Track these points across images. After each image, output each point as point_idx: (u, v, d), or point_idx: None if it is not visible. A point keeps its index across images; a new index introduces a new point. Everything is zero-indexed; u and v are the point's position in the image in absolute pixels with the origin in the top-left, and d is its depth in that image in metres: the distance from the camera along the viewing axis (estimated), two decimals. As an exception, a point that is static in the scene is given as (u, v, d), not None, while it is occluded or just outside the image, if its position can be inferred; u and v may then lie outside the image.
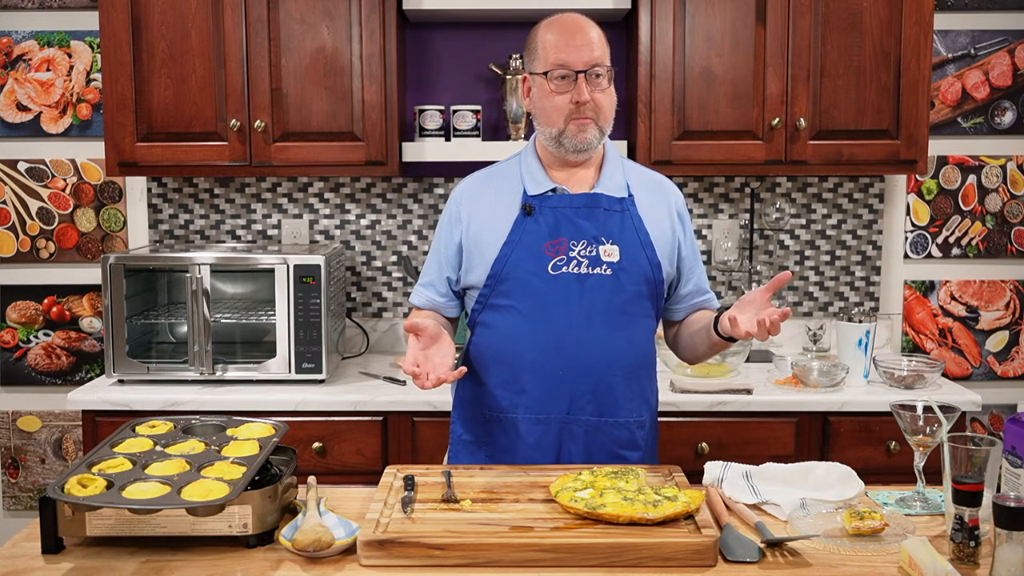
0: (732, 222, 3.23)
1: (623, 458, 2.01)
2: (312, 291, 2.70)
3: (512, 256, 1.98)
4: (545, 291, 1.97)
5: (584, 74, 1.92)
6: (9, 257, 3.27)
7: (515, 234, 1.99)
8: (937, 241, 3.29)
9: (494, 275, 2.00)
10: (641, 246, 2.00)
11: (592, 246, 1.97)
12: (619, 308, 1.99)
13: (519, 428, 2.00)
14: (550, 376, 1.98)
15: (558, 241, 1.98)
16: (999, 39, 3.22)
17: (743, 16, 2.83)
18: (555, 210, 1.99)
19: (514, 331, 2.00)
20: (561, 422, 1.99)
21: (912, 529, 1.59)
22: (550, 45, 1.95)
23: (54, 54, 3.20)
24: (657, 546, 1.47)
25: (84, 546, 1.56)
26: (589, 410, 1.99)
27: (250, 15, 2.80)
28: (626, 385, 2.02)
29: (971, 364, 3.33)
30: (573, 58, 1.92)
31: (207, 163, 2.87)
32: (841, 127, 2.87)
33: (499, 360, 2.02)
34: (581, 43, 1.93)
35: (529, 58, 2.02)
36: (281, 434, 1.77)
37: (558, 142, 1.98)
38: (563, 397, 1.98)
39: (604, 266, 1.97)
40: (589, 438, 2.00)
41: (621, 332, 2.00)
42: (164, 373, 2.73)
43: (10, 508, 3.32)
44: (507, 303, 2.00)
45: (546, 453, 1.99)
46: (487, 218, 2.03)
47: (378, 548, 1.48)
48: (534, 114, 2.02)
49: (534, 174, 2.03)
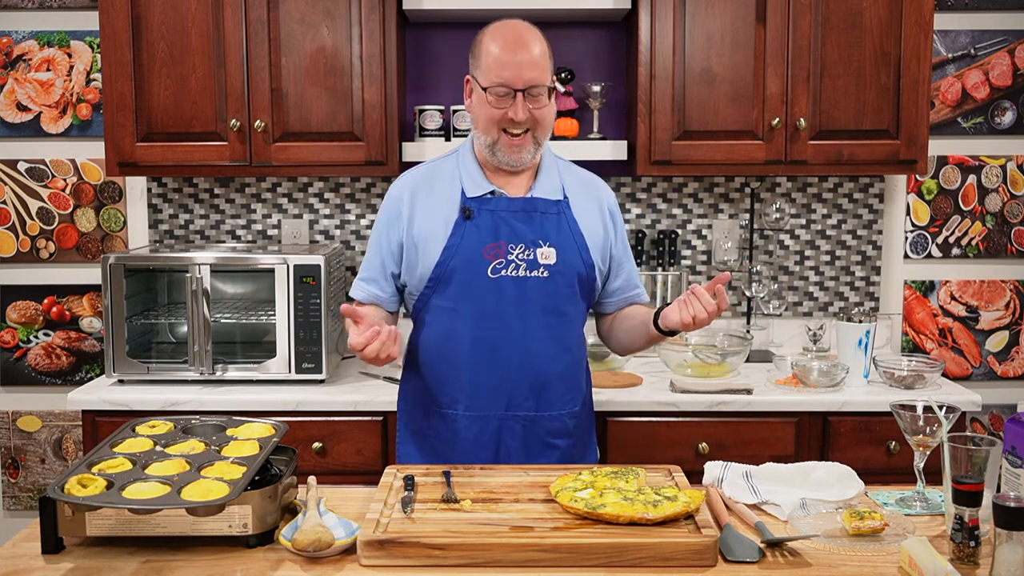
0: (732, 222, 3.23)
1: (554, 447, 2.08)
2: (312, 291, 2.70)
3: (453, 260, 2.02)
4: (485, 294, 2.02)
5: (523, 92, 1.96)
6: (9, 257, 3.27)
7: (455, 237, 2.03)
8: (937, 241, 3.29)
9: (435, 277, 2.04)
10: (577, 248, 2.06)
11: (530, 249, 2.03)
12: (555, 309, 2.05)
13: (458, 423, 2.06)
14: (489, 376, 2.04)
15: (497, 244, 2.02)
16: (999, 39, 3.22)
17: (743, 16, 2.83)
18: (494, 213, 2.04)
19: (454, 332, 2.05)
20: (500, 419, 2.05)
21: (912, 529, 1.59)
22: (492, 59, 1.98)
23: (54, 54, 3.20)
24: (657, 546, 1.47)
25: (84, 546, 1.56)
26: (527, 407, 2.06)
27: (250, 15, 2.80)
28: (561, 381, 2.09)
29: (971, 364, 3.33)
30: (513, 76, 1.96)
31: (207, 163, 2.87)
32: (841, 127, 2.87)
33: (439, 358, 2.08)
34: (522, 60, 1.96)
35: (473, 62, 2.06)
36: (281, 434, 1.77)
37: (492, 151, 2.03)
38: (501, 396, 2.05)
39: (541, 268, 2.03)
40: (526, 432, 2.06)
41: (557, 332, 2.06)
42: (164, 373, 2.73)
43: (10, 508, 3.32)
44: (447, 304, 2.05)
45: (485, 448, 2.05)
46: (427, 219, 2.06)
47: (378, 548, 1.48)
48: (472, 117, 2.08)
49: (472, 175, 2.07)
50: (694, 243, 3.25)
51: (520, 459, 2.05)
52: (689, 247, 3.24)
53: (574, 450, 2.13)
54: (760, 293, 3.11)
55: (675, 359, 2.81)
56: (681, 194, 3.23)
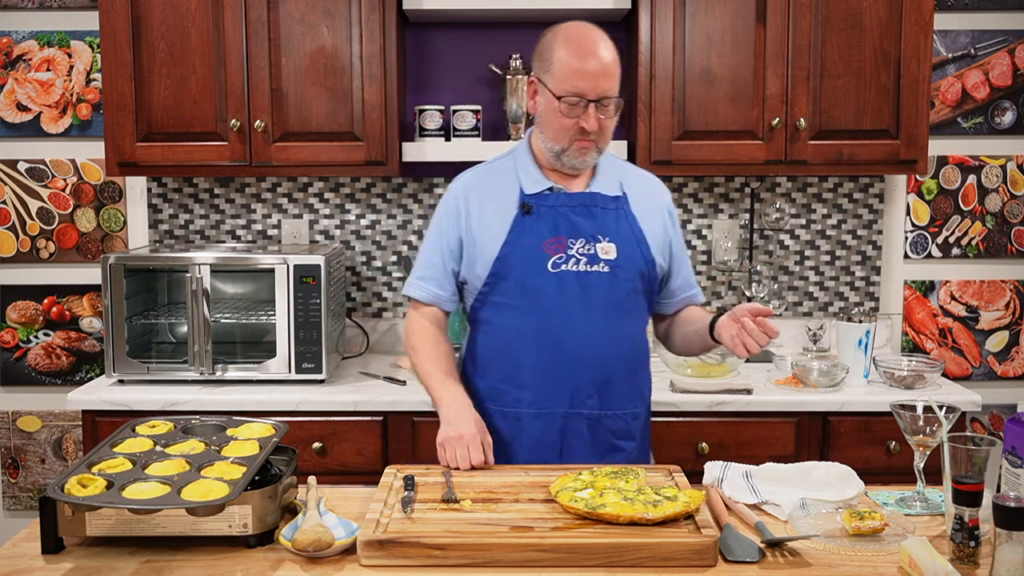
0: (732, 222, 3.23)
1: (619, 448, 2.05)
2: (312, 291, 2.70)
3: (512, 255, 2.01)
4: (545, 289, 2.00)
5: (595, 103, 1.94)
6: (9, 257, 3.27)
7: (514, 233, 2.01)
8: (937, 241, 3.29)
9: (495, 273, 2.02)
10: (636, 243, 2.05)
11: (590, 244, 2.01)
12: (617, 304, 2.03)
13: (522, 422, 2.04)
14: (552, 372, 2.01)
15: (557, 239, 2.01)
16: (999, 39, 3.22)
17: (743, 16, 2.83)
18: (553, 209, 2.02)
19: (516, 329, 2.03)
20: (564, 416, 2.03)
21: (912, 529, 1.59)
22: (565, 65, 1.94)
23: (54, 54, 3.20)
24: (657, 546, 1.47)
25: (84, 546, 1.56)
26: (591, 404, 2.03)
27: (250, 15, 2.80)
28: (624, 378, 2.06)
29: (971, 364, 3.33)
30: (587, 86, 1.93)
31: (207, 163, 2.87)
32: (841, 127, 2.87)
33: (501, 357, 2.05)
34: (596, 70, 1.93)
35: (540, 66, 2.01)
36: (281, 434, 1.77)
37: (558, 157, 2.02)
38: (565, 392, 2.02)
39: (602, 263, 2.01)
40: (591, 431, 2.04)
41: (619, 327, 2.04)
42: (164, 373, 2.73)
43: (10, 508, 3.32)
44: (507, 301, 2.02)
45: (549, 447, 2.03)
46: (486, 216, 2.05)
47: (378, 548, 1.48)
48: (538, 121, 2.05)
49: (530, 172, 2.07)
50: (694, 243, 3.25)
51: (586, 461, 1.99)
52: (689, 247, 3.24)
53: (637, 454, 2.10)
54: (760, 293, 3.11)
55: (675, 359, 2.80)
56: (681, 194, 3.23)
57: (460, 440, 1.88)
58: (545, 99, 1.99)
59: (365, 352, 3.20)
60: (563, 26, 2.01)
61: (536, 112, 2.04)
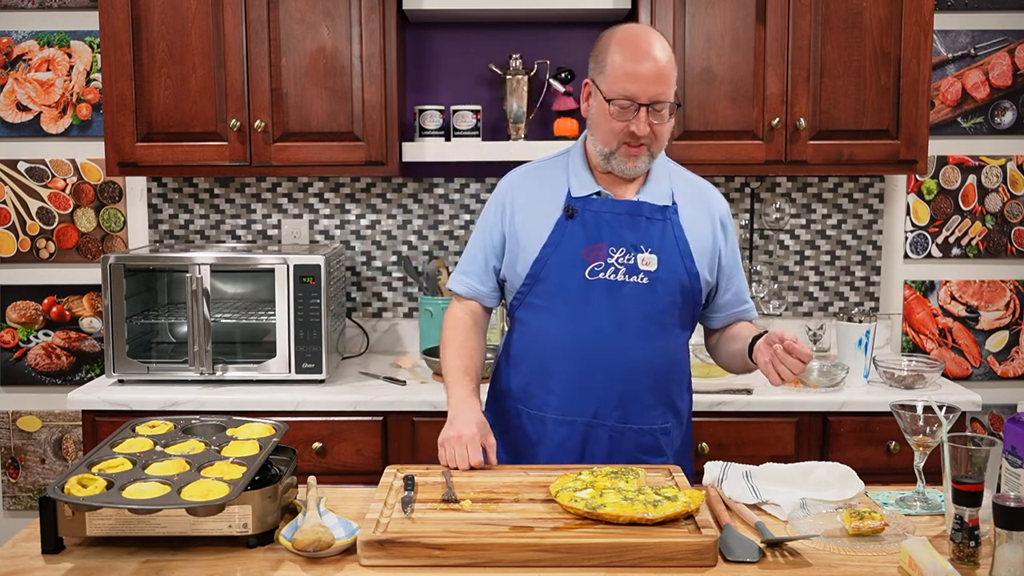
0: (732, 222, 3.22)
1: (644, 463, 1.99)
2: (312, 291, 2.70)
3: (552, 258, 1.99)
4: (580, 296, 1.98)
5: (646, 107, 1.91)
6: (9, 257, 3.27)
7: (556, 236, 2.00)
8: (937, 241, 3.29)
9: (533, 275, 2.01)
10: (680, 256, 2.00)
11: (631, 254, 1.98)
12: (652, 317, 1.99)
13: (547, 426, 2.02)
14: (578, 380, 1.99)
15: (597, 247, 1.98)
16: (999, 39, 3.22)
17: (743, 16, 2.83)
18: (597, 215, 2.00)
19: (547, 332, 2.01)
20: (586, 425, 2.01)
21: (912, 529, 1.59)
22: (618, 67, 1.91)
23: (54, 54, 3.20)
24: (657, 546, 1.47)
25: (84, 546, 1.56)
26: (615, 416, 2.00)
27: (250, 15, 2.80)
28: (652, 393, 2.02)
29: (971, 364, 3.33)
30: (638, 90, 1.90)
31: (207, 163, 2.87)
32: (841, 127, 2.86)
33: (532, 358, 2.04)
34: (648, 73, 1.90)
35: (595, 68, 1.99)
36: (281, 434, 1.77)
37: (607, 160, 1.99)
38: (590, 401, 2.00)
39: (641, 275, 1.97)
40: (613, 443, 2.01)
41: (652, 341, 2.00)
42: (164, 373, 2.73)
43: (10, 508, 3.32)
44: (543, 304, 2.01)
45: (570, 453, 2.01)
46: (530, 214, 2.04)
47: (378, 548, 1.48)
48: (589, 123, 2.02)
49: (580, 175, 2.04)
50: (694, 243, 3.24)
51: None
52: (689, 247, 3.24)
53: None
54: (760, 293, 3.11)
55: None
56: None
57: (459, 440, 1.88)
58: (597, 101, 1.96)
59: (365, 352, 3.20)
60: (620, 28, 1.98)
61: (587, 115, 2.02)
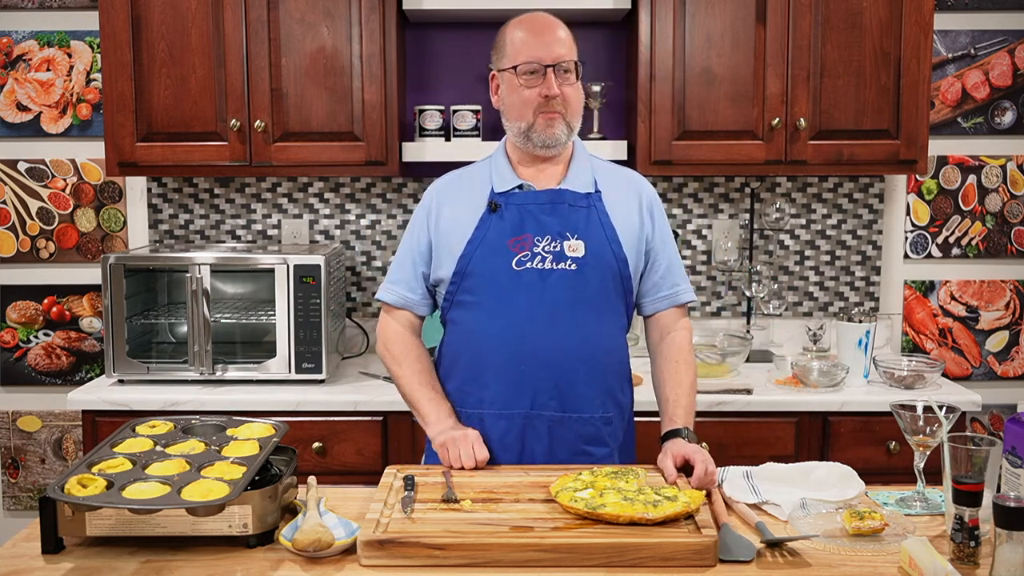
0: (732, 222, 3.23)
1: (587, 454, 2.01)
2: (312, 291, 2.70)
3: (476, 252, 2.00)
4: (509, 286, 1.98)
5: (553, 68, 1.96)
6: (9, 257, 3.27)
7: (480, 231, 2.01)
8: (937, 241, 3.29)
9: (459, 271, 2.02)
10: (608, 241, 2.01)
11: (556, 241, 1.99)
12: (583, 303, 1.99)
13: (485, 423, 2.01)
14: (513, 371, 1.99)
15: (522, 237, 1.99)
16: (999, 39, 3.22)
17: (743, 16, 2.83)
18: (520, 207, 2.01)
19: (479, 327, 2.02)
20: (525, 417, 2.00)
21: (912, 529, 1.59)
22: (519, 41, 1.99)
23: (54, 54, 3.20)
24: (657, 546, 1.47)
25: (84, 546, 1.56)
26: (552, 406, 2.00)
27: (250, 15, 2.80)
28: (589, 381, 2.01)
29: (971, 364, 3.33)
30: (542, 53, 1.96)
31: (207, 163, 2.87)
32: (841, 127, 2.86)
33: (466, 356, 2.04)
34: (550, 40, 1.98)
35: (497, 57, 2.05)
36: (281, 434, 1.77)
37: (526, 136, 2.01)
38: (526, 393, 1.99)
39: (569, 261, 1.98)
40: (552, 434, 2.00)
41: (584, 327, 2.00)
42: (164, 373, 2.73)
43: (10, 508, 3.32)
44: (472, 299, 2.02)
45: (508, 449, 2.00)
46: (455, 216, 2.05)
47: (378, 548, 1.48)
48: (503, 111, 2.06)
49: (502, 172, 2.06)
50: (694, 243, 3.25)
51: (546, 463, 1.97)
52: (689, 247, 3.24)
53: (614, 461, 2.04)
54: (760, 293, 3.11)
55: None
56: (681, 194, 3.23)
57: (465, 439, 1.88)
58: (505, 81, 2.01)
59: (365, 352, 3.20)
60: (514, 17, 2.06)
61: (500, 104, 2.06)
